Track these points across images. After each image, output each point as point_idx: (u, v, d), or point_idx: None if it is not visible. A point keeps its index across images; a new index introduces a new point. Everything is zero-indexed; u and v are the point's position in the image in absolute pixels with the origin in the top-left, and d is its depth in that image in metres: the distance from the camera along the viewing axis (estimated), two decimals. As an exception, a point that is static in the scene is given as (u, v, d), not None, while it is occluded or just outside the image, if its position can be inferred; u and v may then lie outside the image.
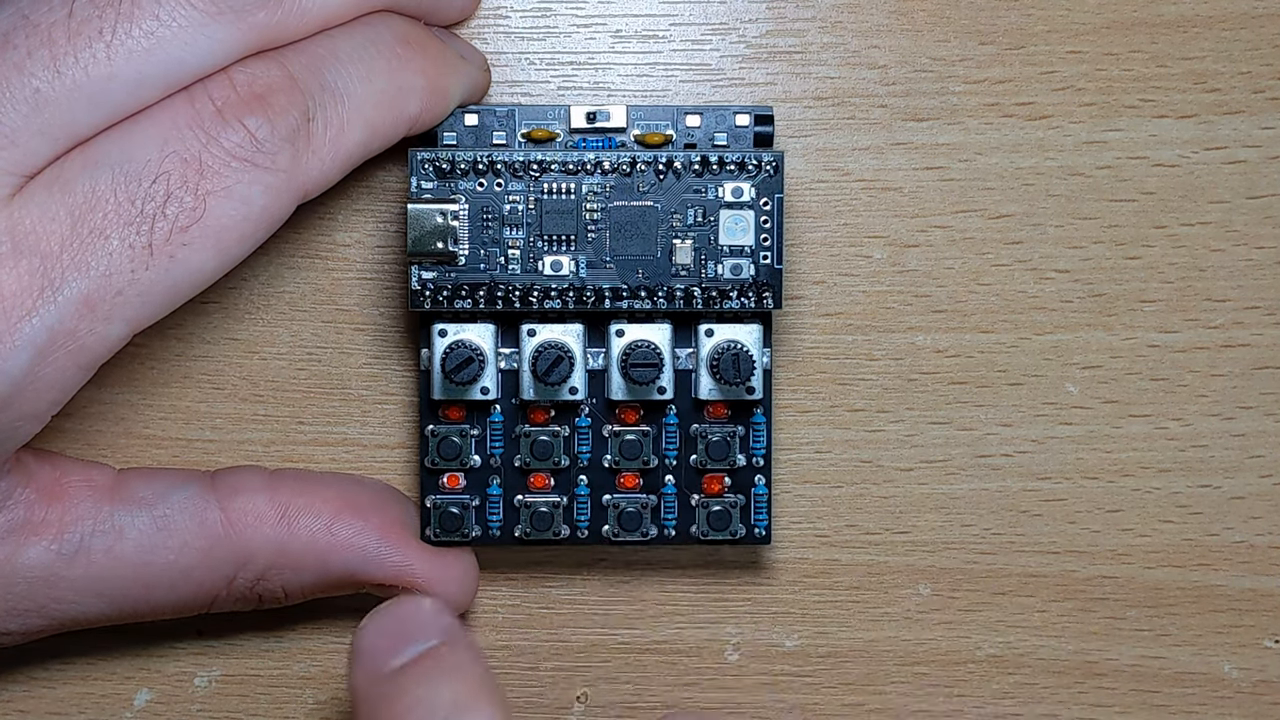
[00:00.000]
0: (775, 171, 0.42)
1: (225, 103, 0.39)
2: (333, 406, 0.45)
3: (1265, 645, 0.46)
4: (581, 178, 0.42)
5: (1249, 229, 0.45)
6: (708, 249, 0.42)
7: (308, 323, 0.45)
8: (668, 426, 0.43)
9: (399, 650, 0.39)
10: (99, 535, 0.41)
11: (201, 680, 0.46)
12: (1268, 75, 0.45)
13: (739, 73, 0.45)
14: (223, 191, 0.38)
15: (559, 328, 0.43)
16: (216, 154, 0.38)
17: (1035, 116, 0.45)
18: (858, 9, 0.45)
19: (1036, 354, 0.45)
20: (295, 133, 0.39)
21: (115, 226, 0.38)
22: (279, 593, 0.43)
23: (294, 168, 0.39)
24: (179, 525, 0.42)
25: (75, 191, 0.38)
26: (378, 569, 0.43)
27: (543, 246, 0.42)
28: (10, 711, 0.46)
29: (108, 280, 0.38)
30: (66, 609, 0.41)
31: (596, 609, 0.46)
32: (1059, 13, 0.45)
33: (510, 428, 0.43)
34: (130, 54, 0.38)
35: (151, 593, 0.42)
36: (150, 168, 0.38)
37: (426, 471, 0.43)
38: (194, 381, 0.45)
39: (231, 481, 0.43)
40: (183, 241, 0.38)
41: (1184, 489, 0.46)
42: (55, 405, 0.39)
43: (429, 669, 0.38)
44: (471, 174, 0.42)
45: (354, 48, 0.40)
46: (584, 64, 0.45)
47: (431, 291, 0.42)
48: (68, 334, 0.38)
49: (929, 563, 0.46)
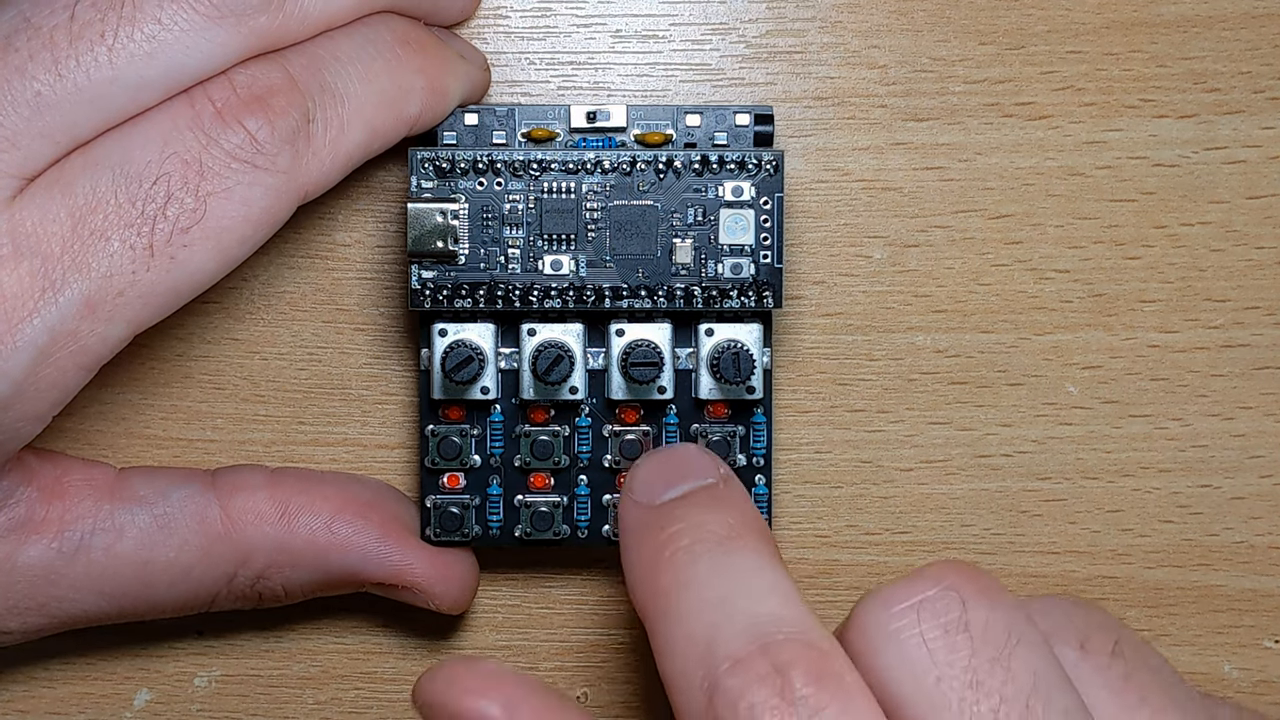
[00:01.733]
0: (775, 171, 0.42)
1: (225, 104, 0.39)
2: (333, 406, 0.45)
3: (1265, 645, 0.46)
4: (581, 177, 0.42)
5: (1249, 229, 0.45)
6: (708, 248, 0.42)
7: (308, 323, 0.45)
8: (668, 426, 0.43)
9: (673, 485, 0.38)
10: (99, 533, 0.41)
11: (201, 680, 0.46)
12: (1268, 75, 0.45)
13: (739, 73, 0.45)
14: (223, 193, 0.39)
15: (559, 327, 0.43)
16: (217, 155, 0.38)
17: (1035, 116, 0.45)
18: (858, 9, 0.45)
19: (1036, 354, 0.45)
20: (295, 134, 0.39)
21: (116, 228, 0.38)
22: (279, 591, 0.43)
23: (294, 169, 0.39)
24: (179, 523, 0.42)
25: (76, 193, 0.38)
26: (378, 568, 0.43)
27: (543, 246, 0.42)
28: (10, 711, 0.46)
29: (109, 281, 0.38)
30: (67, 607, 0.41)
31: (596, 609, 0.46)
32: (1059, 13, 0.45)
33: (510, 427, 0.43)
34: (131, 57, 0.38)
35: (152, 591, 0.42)
36: (151, 169, 0.38)
37: (427, 471, 0.43)
38: (195, 381, 0.45)
39: (232, 480, 0.43)
40: (183, 243, 0.38)
41: (1184, 489, 0.46)
42: (56, 406, 0.39)
43: (703, 499, 0.38)
44: (471, 173, 0.42)
45: (354, 48, 0.40)
46: (584, 64, 0.45)
47: (431, 291, 0.42)
48: (69, 335, 0.38)
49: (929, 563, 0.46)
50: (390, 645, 0.46)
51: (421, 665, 0.46)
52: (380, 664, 0.46)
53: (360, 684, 0.46)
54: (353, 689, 0.46)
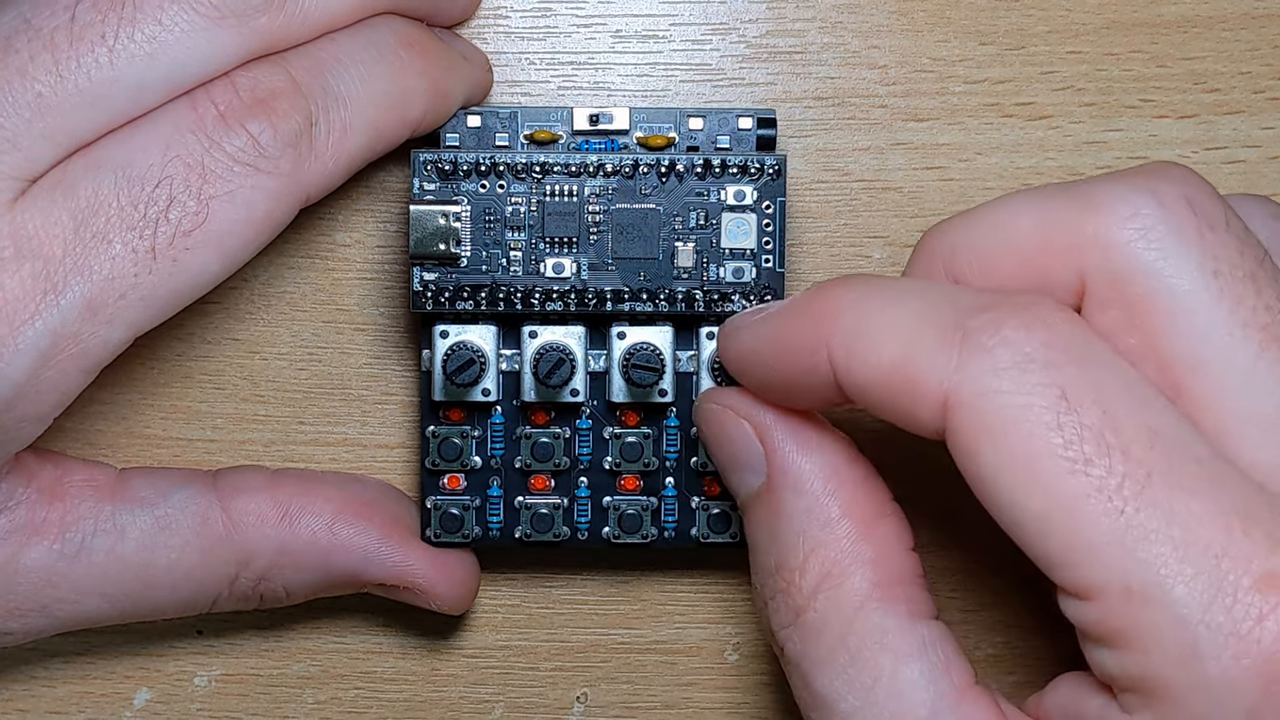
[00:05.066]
0: (777, 175, 0.42)
1: (228, 107, 0.39)
2: (333, 407, 0.45)
3: (1264, 645, 0.46)
4: (584, 180, 0.42)
5: (1249, 230, 0.45)
6: (709, 252, 0.42)
7: (308, 323, 0.45)
8: (669, 429, 0.43)
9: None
10: (101, 535, 0.41)
11: (201, 680, 0.46)
12: (1268, 75, 0.45)
13: (739, 73, 0.45)
14: (225, 196, 0.38)
15: (560, 330, 0.43)
16: (219, 158, 0.38)
17: (1035, 116, 0.45)
18: (858, 9, 0.45)
19: (1036, 354, 0.45)
20: (298, 137, 0.39)
21: (118, 230, 0.38)
22: (280, 593, 0.43)
23: (297, 171, 0.39)
24: (181, 525, 0.42)
25: (78, 195, 0.38)
26: (379, 568, 0.43)
27: (545, 248, 0.42)
28: (10, 711, 0.46)
29: (110, 284, 0.38)
30: (68, 609, 0.41)
31: (596, 609, 0.46)
32: (1059, 13, 0.45)
33: (511, 429, 0.43)
34: (132, 58, 0.38)
35: (153, 592, 0.42)
36: (153, 172, 0.38)
37: (427, 472, 0.43)
38: (195, 381, 0.45)
39: (233, 481, 0.43)
40: (185, 245, 0.38)
41: (1183, 489, 0.46)
42: (58, 408, 0.39)
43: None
44: (474, 175, 0.42)
45: (356, 51, 0.40)
46: (584, 64, 0.45)
47: (433, 293, 0.42)
48: (70, 337, 0.38)
49: (928, 563, 0.46)
50: (390, 645, 0.46)
51: (421, 665, 0.46)
52: (380, 664, 0.46)
53: (360, 684, 0.46)
54: (353, 689, 0.46)
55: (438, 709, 0.46)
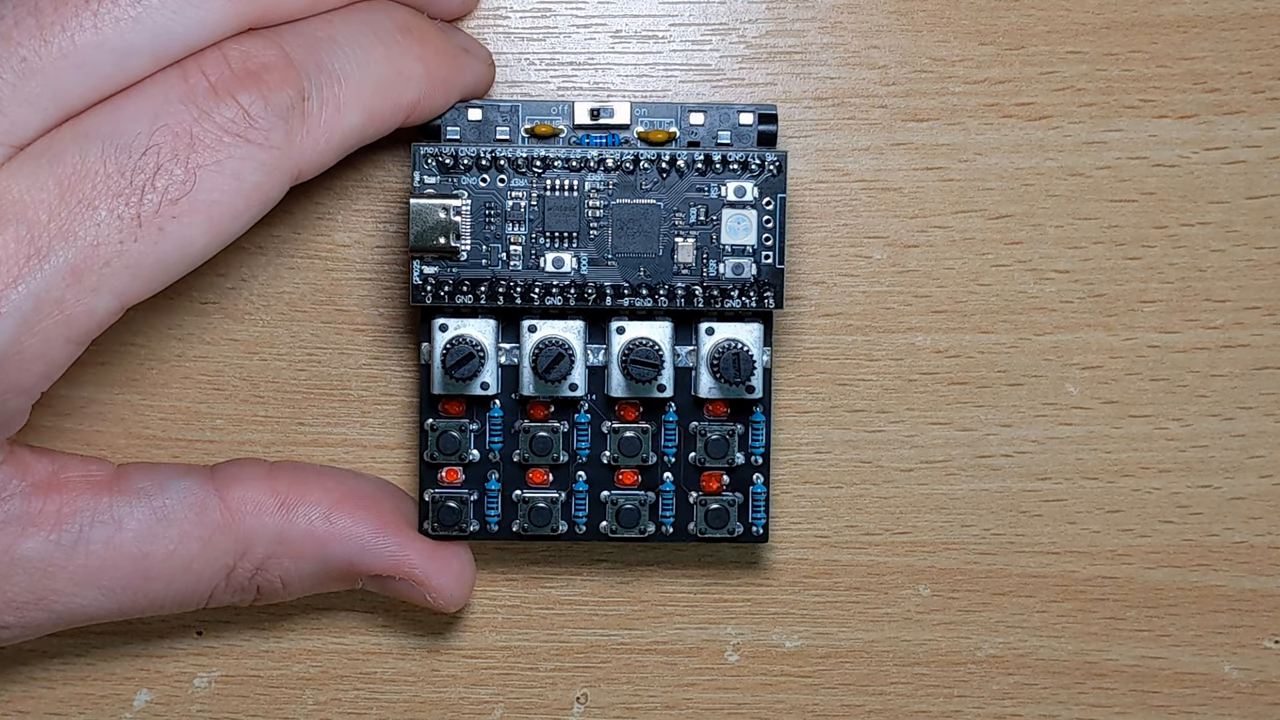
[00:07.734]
0: (778, 171, 0.42)
1: (219, 78, 0.39)
2: (333, 407, 0.45)
3: (1265, 645, 0.46)
4: (584, 174, 0.42)
5: (1249, 229, 0.45)
6: (709, 248, 0.42)
7: (308, 323, 0.45)
8: (667, 424, 0.43)
9: None
10: (98, 526, 0.41)
11: (201, 680, 0.46)
12: (1268, 75, 0.45)
13: (739, 73, 0.45)
14: (214, 165, 0.38)
15: (560, 324, 0.43)
16: (208, 128, 0.38)
17: (1035, 116, 0.45)
18: (858, 9, 0.45)
19: (1036, 354, 0.45)
20: (289, 110, 0.39)
21: (104, 197, 0.38)
22: (277, 584, 0.43)
23: (288, 145, 0.39)
24: (178, 515, 0.42)
25: (64, 162, 0.38)
26: (375, 559, 0.43)
27: (544, 243, 0.42)
28: (10, 711, 0.46)
29: (95, 251, 0.38)
30: (66, 601, 0.41)
31: (596, 609, 0.46)
32: (1059, 13, 0.45)
33: (510, 423, 0.43)
34: (117, 21, 0.38)
35: (151, 584, 0.42)
36: (140, 140, 0.38)
37: (425, 465, 0.43)
38: (194, 382, 0.45)
39: (231, 472, 0.43)
40: (172, 214, 0.38)
41: (1184, 489, 0.46)
42: (44, 379, 0.39)
43: None
44: (474, 169, 0.42)
45: (352, 32, 0.40)
46: (584, 64, 0.45)
47: (433, 286, 0.42)
48: (54, 303, 0.38)
49: (929, 563, 0.46)
50: (390, 645, 0.46)
51: (421, 665, 0.46)
52: (380, 664, 0.46)
53: (360, 684, 0.46)
54: (353, 689, 0.46)
55: (437, 710, 0.46)
